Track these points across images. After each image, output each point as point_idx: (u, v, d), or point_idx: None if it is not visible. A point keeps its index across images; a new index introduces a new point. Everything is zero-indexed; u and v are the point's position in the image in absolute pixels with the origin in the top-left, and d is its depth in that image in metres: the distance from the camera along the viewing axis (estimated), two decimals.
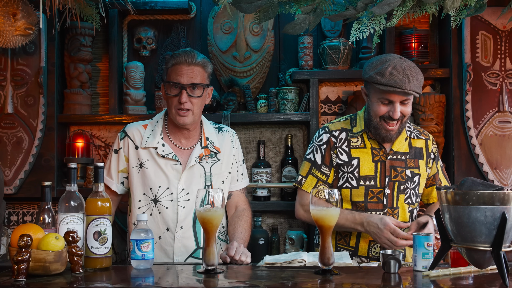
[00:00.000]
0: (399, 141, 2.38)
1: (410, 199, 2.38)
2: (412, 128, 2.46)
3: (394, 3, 2.04)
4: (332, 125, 2.45)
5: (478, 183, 1.76)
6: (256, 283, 1.71)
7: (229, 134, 2.46)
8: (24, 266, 1.70)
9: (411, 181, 2.37)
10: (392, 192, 2.34)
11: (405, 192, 2.36)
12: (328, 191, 1.84)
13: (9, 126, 3.08)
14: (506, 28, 3.02)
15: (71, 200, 1.93)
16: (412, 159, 2.39)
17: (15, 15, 2.58)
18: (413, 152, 2.40)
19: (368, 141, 2.39)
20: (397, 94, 2.25)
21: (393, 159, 2.37)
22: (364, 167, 2.36)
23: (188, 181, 2.31)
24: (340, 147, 2.39)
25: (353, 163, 2.37)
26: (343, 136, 2.41)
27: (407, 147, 2.40)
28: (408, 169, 2.37)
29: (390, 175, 2.35)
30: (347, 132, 2.41)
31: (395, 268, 1.82)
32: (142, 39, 3.26)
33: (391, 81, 2.22)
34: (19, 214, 3.26)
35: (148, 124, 2.40)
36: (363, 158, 2.37)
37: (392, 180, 2.35)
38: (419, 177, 2.39)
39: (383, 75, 2.23)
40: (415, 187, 2.38)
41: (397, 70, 2.23)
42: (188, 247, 2.31)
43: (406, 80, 2.22)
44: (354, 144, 2.39)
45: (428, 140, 2.46)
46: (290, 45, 3.29)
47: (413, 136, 2.43)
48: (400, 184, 2.35)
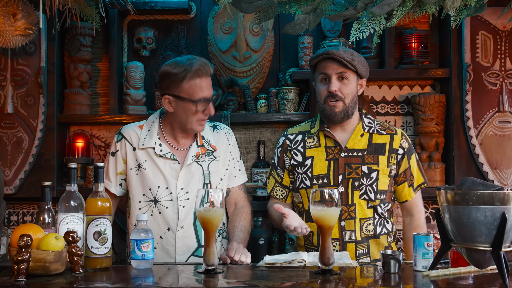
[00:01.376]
0: (353, 137, 2.37)
1: (367, 195, 2.32)
2: (375, 123, 2.42)
3: (394, 3, 2.04)
4: (292, 129, 2.52)
5: (478, 183, 1.76)
6: (256, 283, 1.71)
7: (224, 131, 2.46)
8: (24, 266, 1.70)
9: (368, 177, 2.32)
10: (346, 190, 2.32)
11: (360, 188, 2.31)
12: (328, 191, 1.84)
13: (9, 126, 3.08)
14: (506, 28, 3.02)
15: (71, 200, 1.93)
16: (370, 155, 2.34)
17: (15, 15, 2.58)
18: (373, 148, 2.36)
19: (324, 140, 2.39)
20: (330, 64, 2.31)
21: (348, 156, 2.35)
22: (317, 166, 2.36)
23: (186, 180, 2.31)
24: (294, 149, 2.42)
25: (307, 163, 2.38)
26: (299, 138, 2.44)
27: (366, 143, 2.36)
28: (365, 164, 2.33)
29: (344, 172, 2.33)
30: (304, 134, 2.45)
31: (395, 268, 1.82)
32: (142, 39, 3.26)
33: (323, 52, 2.33)
34: (19, 214, 3.26)
35: (143, 124, 2.39)
36: (317, 157, 2.37)
37: (346, 177, 2.33)
38: (377, 173, 2.33)
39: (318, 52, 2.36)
40: (373, 183, 2.32)
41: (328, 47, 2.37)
42: (190, 246, 2.31)
43: (337, 50, 2.28)
44: (309, 144, 2.41)
45: (395, 135, 2.39)
46: (290, 45, 3.29)
47: (373, 131, 2.39)
48: (354, 180, 2.32)
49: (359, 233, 2.31)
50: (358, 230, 2.31)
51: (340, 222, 2.31)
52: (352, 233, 2.31)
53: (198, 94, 2.24)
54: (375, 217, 2.35)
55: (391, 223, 2.41)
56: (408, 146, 2.41)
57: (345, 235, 2.31)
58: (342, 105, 2.33)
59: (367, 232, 2.32)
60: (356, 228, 2.31)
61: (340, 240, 2.31)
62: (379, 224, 2.35)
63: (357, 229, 2.31)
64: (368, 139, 2.38)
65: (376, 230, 2.34)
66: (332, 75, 2.32)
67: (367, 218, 2.32)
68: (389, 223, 2.39)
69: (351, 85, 2.33)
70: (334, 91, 2.31)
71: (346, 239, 2.30)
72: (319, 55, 2.35)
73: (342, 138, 2.39)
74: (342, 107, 2.33)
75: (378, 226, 2.35)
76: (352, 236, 2.31)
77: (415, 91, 3.26)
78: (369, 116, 2.44)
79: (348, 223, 2.31)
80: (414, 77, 3.14)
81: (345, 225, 2.31)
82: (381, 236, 2.35)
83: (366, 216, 2.33)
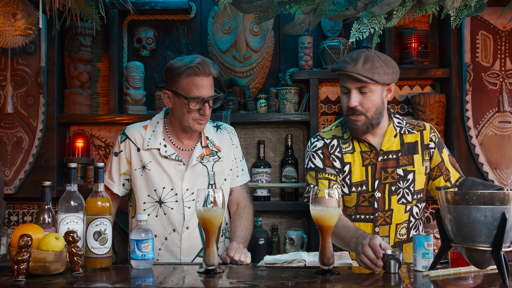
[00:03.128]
0: (388, 139, 2.29)
1: (405, 198, 2.26)
2: (404, 123, 2.34)
3: (394, 3, 2.04)
4: (324, 133, 2.38)
5: (478, 183, 1.77)
6: (256, 283, 1.71)
7: (227, 131, 2.46)
8: (24, 266, 1.70)
9: (404, 180, 2.26)
10: (383, 195, 2.25)
11: (398, 193, 2.26)
12: (328, 191, 1.83)
13: (9, 126, 3.08)
14: (506, 28, 3.02)
15: (71, 200, 1.93)
16: (404, 156, 2.27)
17: (15, 15, 2.58)
18: (406, 148, 2.29)
19: (358, 145, 2.30)
20: (348, 79, 2.21)
21: (384, 160, 2.27)
22: (355, 173, 2.28)
23: (191, 181, 2.31)
24: (333, 154, 2.32)
25: (345, 169, 2.29)
26: (334, 143, 2.33)
27: (398, 144, 2.29)
28: (400, 167, 2.26)
29: (380, 177, 2.26)
30: (338, 139, 2.34)
31: (395, 268, 1.82)
32: (142, 39, 3.26)
33: (338, 65, 2.22)
34: (19, 214, 3.26)
35: (148, 125, 2.39)
36: (354, 163, 2.29)
37: (382, 182, 2.26)
38: (413, 174, 2.27)
39: (337, 61, 2.25)
40: (409, 185, 2.27)
41: (351, 57, 2.22)
42: (195, 246, 2.31)
43: (352, 64, 2.18)
44: (345, 149, 2.31)
45: (424, 131, 2.32)
46: (290, 45, 3.29)
47: (404, 131, 2.31)
48: (391, 185, 2.26)
49: (393, 238, 2.25)
50: (393, 236, 2.25)
51: (375, 228, 2.25)
52: (386, 239, 2.24)
53: (194, 92, 2.23)
54: (410, 221, 2.28)
55: (424, 225, 2.36)
56: (437, 139, 2.32)
57: None
58: (364, 119, 2.22)
59: (400, 237, 2.26)
60: (391, 233, 2.25)
61: None
62: (414, 227, 2.29)
63: (392, 235, 2.25)
64: (400, 140, 2.30)
65: (409, 233, 2.28)
66: (351, 89, 2.21)
67: (401, 223, 2.26)
68: (421, 225, 2.34)
69: (374, 97, 2.21)
70: (355, 106, 2.20)
71: None
72: (335, 69, 2.23)
73: (375, 141, 2.30)
74: (364, 120, 2.23)
75: (413, 229, 2.29)
76: (385, 241, 2.16)
77: (415, 91, 3.26)
78: (398, 116, 2.36)
79: (383, 229, 2.25)
80: (414, 77, 3.14)
81: (379, 231, 2.25)
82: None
83: (402, 221, 2.27)
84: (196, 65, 2.22)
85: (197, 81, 2.23)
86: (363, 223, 2.28)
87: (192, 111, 2.24)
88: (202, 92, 2.23)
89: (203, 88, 2.23)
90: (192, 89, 2.23)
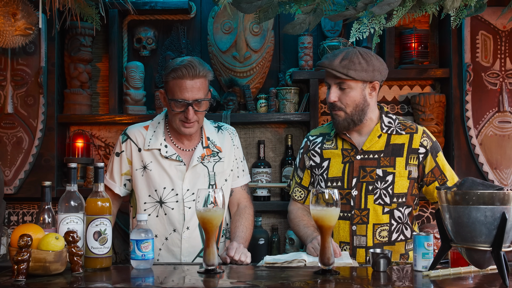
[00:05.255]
0: (370, 139, 2.29)
1: (382, 199, 2.24)
2: (396, 123, 2.31)
3: (394, 3, 2.04)
4: (314, 131, 2.48)
5: (478, 183, 1.76)
6: (256, 283, 1.71)
7: (228, 132, 2.46)
8: (24, 266, 1.70)
9: (382, 181, 2.24)
10: (360, 193, 2.26)
11: (374, 193, 2.24)
12: (328, 191, 1.83)
13: (9, 126, 3.08)
14: (506, 28, 3.02)
15: (71, 200, 1.93)
16: (387, 157, 2.25)
17: (15, 15, 2.58)
18: (390, 149, 2.26)
19: (341, 143, 2.33)
20: (328, 75, 2.26)
21: (364, 159, 2.27)
22: (333, 169, 2.31)
23: (192, 181, 2.31)
24: (312, 150, 2.38)
25: (324, 165, 2.34)
26: (318, 140, 2.39)
27: (383, 144, 2.27)
28: (380, 168, 2.25)
29: (358, 175, 2.26)
30: (324, 135, 2.40)
31: (384, 266, 1.83)
32: (142, 39, 3.26)
33: (320, 61, 2.27)
34: (19, 214, 3.26)
35: (149, 125, 2.39)
36: (334, 160, 2.32)
37: (360, 181, 2.25)
38: (393, 176, 2.24)
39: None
40: (388, 186, 2.23)
41: (333, 53, 2.27)
42: (196, 247, 2.31)
43: (331, 60, 2.22)
44: (327, 146, 2.36)
45: (414, 134, 2.28)
46: (290, 45, 3.29)
47: (392, 131, 2.29)
48: (368, 184, 2.25)
49: (372, 238, 2.24)
50: (371, 236, 2.24)
51: (352, 226, 2.26)
52: (363, 238, 2.25)
53: (177, 94, 2.21)
54: (391, 223, 2.26)
55: (411, 229, 2.31)
56: (431, 144, 2.28)
57: (356, 239, 2.25)
58: (344, 114, 2.26)
59: (381, 238, 2.25)
60: (368, 233, 2.25)
61: (351, 245, 2.25)
62: (397, 231, 2.27)
63: (369, 235, 2.25)
64: (386, 140, 2.29)
65: (391, 236, 2.26)
66: (331, 84, 2.26)
67: (381, 224, 2.25)
68: (408, 230, 2.29)
69: (353, 93, 2.23)
70: (333, 101, 2.25)
71: (357, 243, 2.25)
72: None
73: (358, 140, 2.31)
74: (344, 116, 2.26)
75: (395, 232, 2.27)
76: (363, 241, 2.24)
77: (415, 91, 3.26)
78: (390, 115, 2.34)
79: (360, 228, 2.25)
80: (414, 77, 3.15)
81: (356, 230, 2.25)
82: (397, 243, 2.26)
83: (380, 222, 2.25)
84: (181, 67, 2.19)
85: (181, 84, 2.20)
86: (341, 220, 2.27)
87: (177, 113, 2.24)
88: (185, 95, 2.20)
89: (187, 91, 2.20)
90: (176, 91, 2.21)
